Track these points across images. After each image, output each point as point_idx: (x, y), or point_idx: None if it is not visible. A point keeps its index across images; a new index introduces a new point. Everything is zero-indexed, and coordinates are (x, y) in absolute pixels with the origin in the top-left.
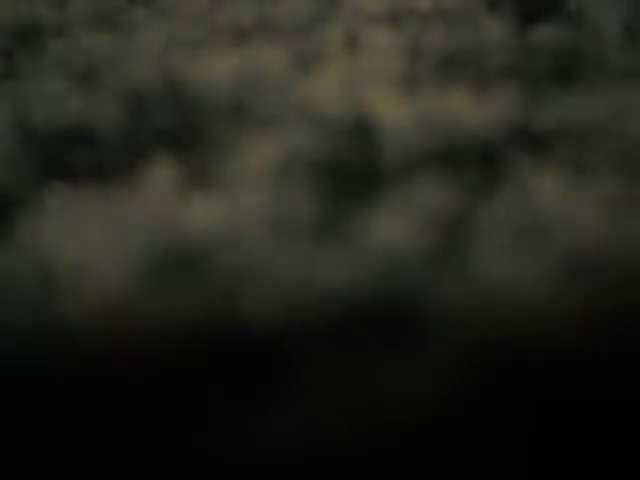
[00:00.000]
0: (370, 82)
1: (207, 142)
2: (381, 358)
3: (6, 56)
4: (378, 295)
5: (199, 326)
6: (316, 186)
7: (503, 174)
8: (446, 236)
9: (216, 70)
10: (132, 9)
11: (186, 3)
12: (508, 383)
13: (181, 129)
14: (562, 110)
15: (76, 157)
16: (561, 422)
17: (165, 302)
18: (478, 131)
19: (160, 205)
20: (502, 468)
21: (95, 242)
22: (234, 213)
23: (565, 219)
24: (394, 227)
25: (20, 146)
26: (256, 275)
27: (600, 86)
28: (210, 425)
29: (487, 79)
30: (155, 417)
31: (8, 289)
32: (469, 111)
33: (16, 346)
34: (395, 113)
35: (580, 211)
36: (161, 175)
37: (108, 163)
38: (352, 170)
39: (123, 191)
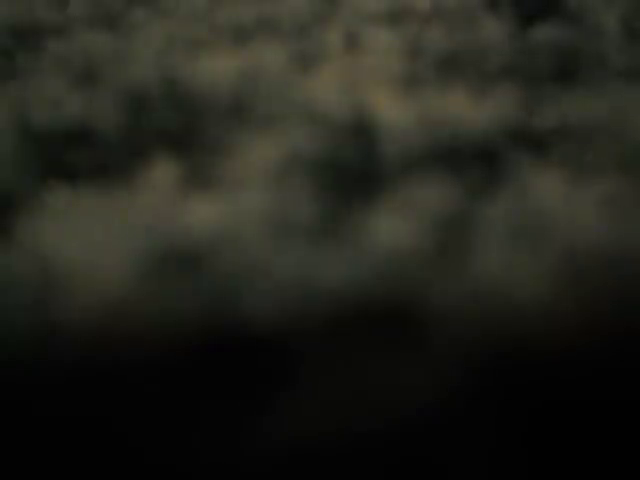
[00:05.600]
0: (370, 82)
1: (207, 142)
2: (381, 358)
3: (6, 56)
4: (378, 295)
5: (199, 326)
6: (316, 186)
7: (503, 174)
8: (446, 236)
9: (216, 70)
10: (132, 9)
11: (186, 3)
12: (508, 383)
13: (181, 129)
14: (562, 110)
15: (76, 157)
16: (561, 422)
17: (165, 302)
18: (478, 131)
19: (160, 205)
20: (502, 468)
21: (95, 242)
22: (234, 213)
23: (565, 219)
24: (394, 227)
25: (20, 146)
26: (256, 275)
27: (600, 85)
28: (210, 425)
29: (487, 79)
30: (155, 417)
31: (8, 289)
32: (469, 111)
33: (16, 346)
34: (395, 113)
35: (580, 211)
36: (161, 175)
37: (108, 163)
38: (352, 170)
39: (123, 191)
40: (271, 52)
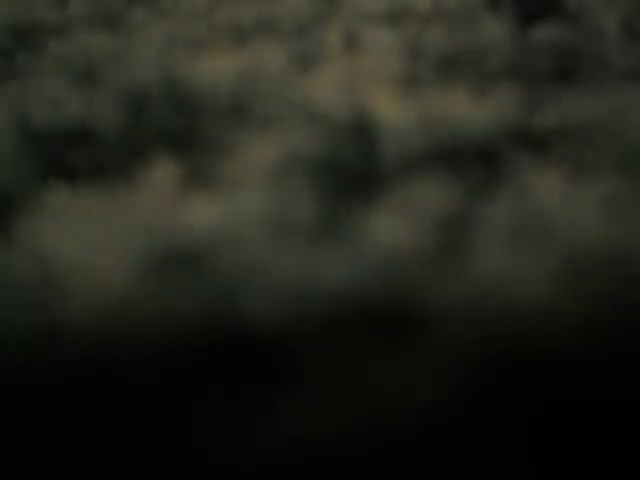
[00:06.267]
0: (370, 82)
1: (207, 142)
2: (381, 358)
3: (6, 56)
4: (378, 295)
5: (199, 326)
6: (316, 186)
7: (503, 174)
8: (446, 236)
9: (216, 70)
10: (132, 9)
11: (186, 3)
12: (508, 383)
13: (181, 129)
14: (562, 110)
15: (76, 157)
16: (561, 422)
17: (165, 302)
18: (478, 131)
19: (160, 205)
20: (502, 468)
21: (95, 242)
22: (234, 213)
23: (565, 219)
24: (394, 227)
25: (20, 146)
26: (256, 275)
27: (600, 86)
28: (210, 425)
29: (487, 79)
30: (155, 417)
31: (8, 289)
32: (469, 111)
33: (16, 346)
34: (395, 113)
35: (580, 211)
36: (161, 175)
37: (108, 163)
38: (352, 170)
39: (123, 191)
40: (271, 52)
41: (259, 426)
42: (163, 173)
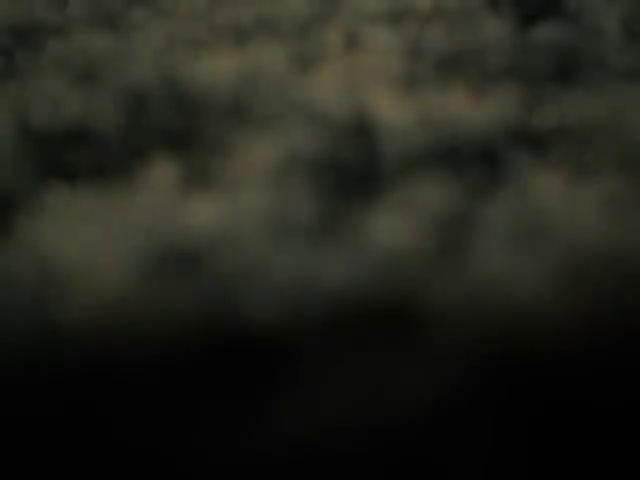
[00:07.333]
0: (370, 82)
1: (207, 142)
2: (381, 358)
3: (6, 56)
4: (378, 295)
5: (199, 326)
6: (316, 186)
7: (503, 174)
8: (446, 236)
9: (216, 70)
10: (132, 9)
11: (186, 3)
12: (508, 382)
13: (181, 129)
14: (562, 110)
15: (76, 157)
16: (561, 422)
17: (165, 302)
18: (478, 131)
19: (160, 205)
20: (502, 468)
21: (95, 242)
22: (234, 213)
23: (565, 219)
24: (394, 227)
25: (20, 146)
26: (256, 275)
27: (600, 86)
28: (210, 425)
29: (487, 79)
30: (155, 417)
31: (8, 289)
32: (469, 111)
33: (16, 346)
34: (395, 113)
35: (580, 211)
36: (161, 175)
37: (108, 163)
38: (352, 170)
39: (123, 191)
40: (271, 52)
41: (259, 426)
42: (163, 173)
